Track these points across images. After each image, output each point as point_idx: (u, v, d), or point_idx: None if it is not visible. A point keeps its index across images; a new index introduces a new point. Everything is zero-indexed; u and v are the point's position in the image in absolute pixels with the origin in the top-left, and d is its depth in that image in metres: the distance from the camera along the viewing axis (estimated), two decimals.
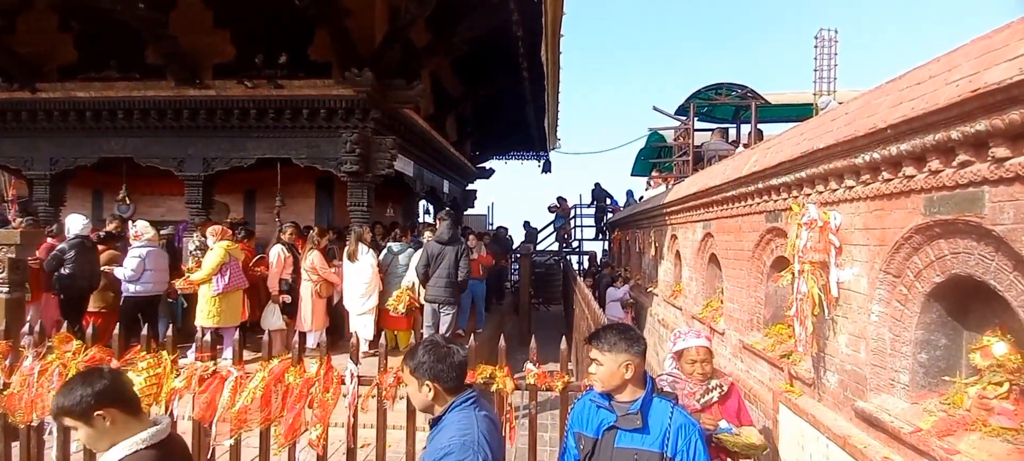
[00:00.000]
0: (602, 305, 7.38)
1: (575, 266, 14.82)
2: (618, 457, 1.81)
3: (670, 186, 7.81)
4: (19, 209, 8.76)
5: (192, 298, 6.42)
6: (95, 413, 1.46)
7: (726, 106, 9.51)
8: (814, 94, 8.99)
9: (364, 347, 5.07)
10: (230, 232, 5.60)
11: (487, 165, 15.09)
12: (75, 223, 5.51)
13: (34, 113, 6.77)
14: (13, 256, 4.48)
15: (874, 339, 2.41)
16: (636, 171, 14.92)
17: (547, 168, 15.90)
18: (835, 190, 2.73)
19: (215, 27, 6.61)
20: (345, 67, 5.95)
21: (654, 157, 12.58)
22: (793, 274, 2.92)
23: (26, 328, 2.83)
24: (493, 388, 2.49)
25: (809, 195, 2.99)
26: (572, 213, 16.49)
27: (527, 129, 12.92)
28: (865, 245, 2.51)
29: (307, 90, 6.24)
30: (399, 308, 5.53)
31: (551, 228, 16.39)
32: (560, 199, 16.25)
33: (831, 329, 2.77)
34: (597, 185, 16.38)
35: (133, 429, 1.50)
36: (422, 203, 11.52)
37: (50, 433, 2.73)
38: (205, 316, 5.04)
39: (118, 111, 6.57)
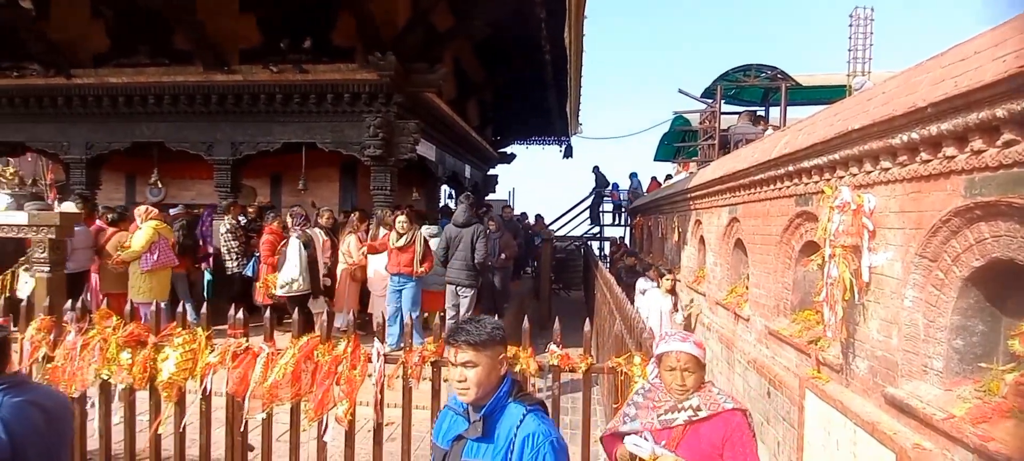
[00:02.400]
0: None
1: (596, 251, 14.76)
2: None
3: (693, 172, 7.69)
4: (58, 193, 9.11)
5: (216, 275, 6.66)
6: None
7: (755, 88, 9.28)
8: (848, 75, 8.68)
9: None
10: (157, 212, 5.76)
11: (508, 150, 15.05)
12: (67, 208, 5.70)
13: (69, 99, 6.98)
14: (53, 237, 4.67)
15: (907, 325, 2.35)
16: (659, 156, 14.70)
17: (568, 153, 15.78)
18: (870, 172, 2.66)
19: (241, 12, 6.70)
20: (368, 51, 5.98)
21: (678, 141, 12.36)
22: (823, 259, 2.86)
23: (68, 305, 2.95)
24: (516, 368, 2.51)
25: (842, 178, 2.91)
26: (606, 186, 16.31)
27: (548, 114, 12.83)
28: (900, 229, 2.44)
29: (331, 75, 6.29)
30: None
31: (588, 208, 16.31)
32: (596, 168, 16.18)
33: (862, 315, 2.71)
34: (596, 168, 16.26)
35: None
36: (444, 188, 11.59)
37: (92, 404, 2.86)
38: (136, 292, 5.23)
39: (149, 97, 6.73)
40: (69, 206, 5.76)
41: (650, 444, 1.88)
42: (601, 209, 16.54)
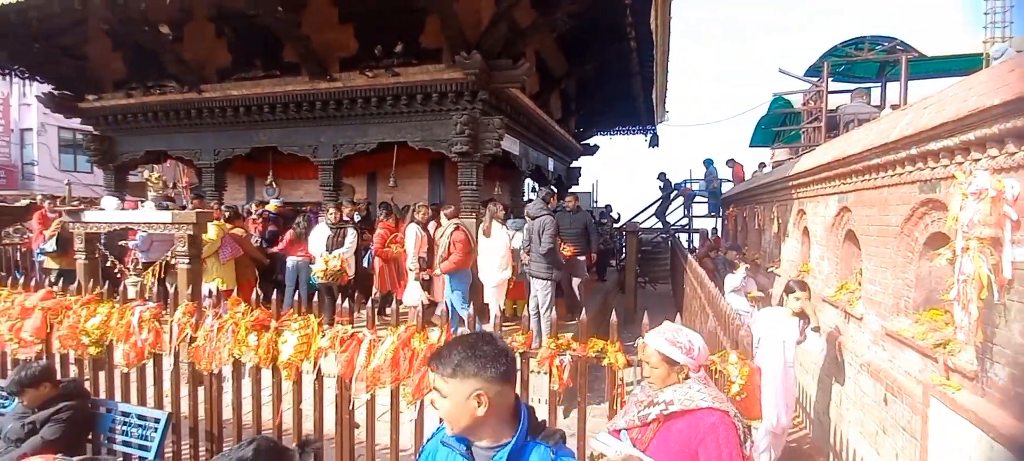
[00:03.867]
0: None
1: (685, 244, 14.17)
2: None
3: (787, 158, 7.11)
4: (192, 194, 10.40)
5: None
6: None
7: (869, 63, 8.36)
8: (984, 42, 7.57)
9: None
10: (219, 215, 6.61)
11: (591, 142, 14.84)
12: (109, 203, 6.46)
13: (200, 111, 7.93)
14: (191, 233, 5.35)
15: None
16: (756, 141, 13.74)
17: (654, 142, 15.24)
18: (1013, 154, 2.32)
19: (340, 23, 7.20)
20: (454, 51, 6.18)
21: (778, 125, 11.47)
22: (954, 252, 2.54)
23: (205, 291, 3.38)
24: (604, 362, 2.51)
25: (978, 161, 2.56)
26: (673, 191, 15.86)
27: (633, 102, 12.47)
28: None
29: (420, 76, 6.59)
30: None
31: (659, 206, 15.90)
32: (663, 175, 15.75)
33: (1002, 315, 2.38)
34: (662, 174, 15.65)
35: None
36: (528, 181, 11.68)
37: (226, 379, 3.26)
38: (207, 275, 5.90)
39: (264, 106, 7.47)
40: (111, 200, 6.57)
41: (615, 443, 1.83)
42: (667, 213, 16.01)
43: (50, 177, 18.85)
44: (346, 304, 2.85)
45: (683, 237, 15.64)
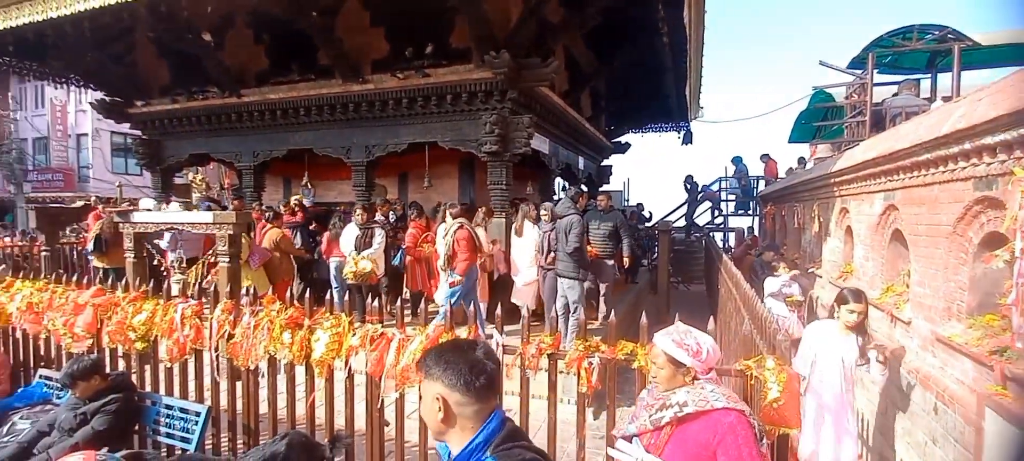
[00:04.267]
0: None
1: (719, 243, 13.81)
2: None
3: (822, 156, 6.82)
4: (233, 195, 10.78)
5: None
6: None
7: (917, 53, 7.93)
8: None
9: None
10: (259, 216, 6.87)
11: (623, 139, 14.63)
12: (146, 205, 6.74)
13: (240, 115, 8.20)
14: (231, 233, 5.53)
15: None
16: (795, 137, 13.23)
17: (688, 139, 14.89)
18: None
19: (372, 26, 7.32)
20: (483, 51, 6.19)
21: (818, 120, 11.03)
22: (1013, 253, 2.38)
23: (243, 290, 3.49)
24: (634, 365, 2.46)
25: None
26: (699, 194, 15.51)
27: (665, 99, 12.23)
28: None
29: (450, 76, 6.63)
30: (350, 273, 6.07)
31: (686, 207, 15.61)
32: (689, 178, 15.42)
33: None
34: (689, 177, 15.25)
35: None
36: (558, 180, 11.62)
37: (262, 375, 3.35)
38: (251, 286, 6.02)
39: (300, 109, 7.67)
40: (148, 203, 6.86)
41: (633, 449, 1.81)
42: (694, 215, 15.65)
43: (103, 179, 19.89)
44: (376, 303, 2.88)
45: (718, 236, 15.25)
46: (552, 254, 5.57)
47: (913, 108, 6.14)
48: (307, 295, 3.10)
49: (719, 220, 15.98)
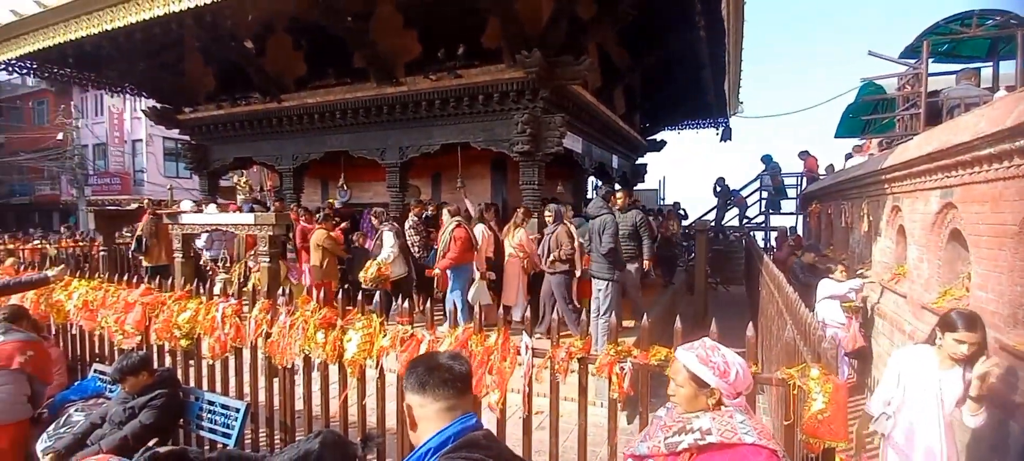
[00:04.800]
0: (806, 301, 5.25)
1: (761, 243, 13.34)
2: None
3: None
4: (274, 197, 11.15)
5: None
6: None
7: (977, 40, 7.41)
8: None
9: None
10: (296, 217, 7.05)
11: (658, 137, 14.35)
12: (185, 207, 6.97)
13: (280, 119, 8.46)
14: (272, 234, 5.69)
15: None
16: (842, 132, 12.62)
17: (726, 136, 14.46)
18: None
19: (405, 29, 7.41)
20: (515, 50, 6.16)
21: (867, 113, 10.49)
22: None
23: (280, 290, 3.58)
24: (667, 371, 2.37)
25: None
26: (729, 197, 14.94)
27: (703, 95, 11.90)
28: None
29: (481, 77, 6.64)
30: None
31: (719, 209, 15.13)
32: (720, 180, 14.86)
33: None
34: (720, 179, 14.63)
35: None
36: (591, 179, 11.49)
37: (297, 373, 3.43)
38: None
39: (336, 112, 7.85)
40: (187, 206, 7.12)
41: None
42: (723, 220, 15.08)
43: (156, 183, 20.97)
44: (406, 304, 2.90)
45: (759, 236, 14.73)
46: (552, 256, 5.48)
47: (973, 99, 5.74)
48: (339, 295, 3.14)
49: (759, 220, 15.42)
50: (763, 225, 15.26)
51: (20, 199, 25.82)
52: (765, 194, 15.06)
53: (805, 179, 13.97)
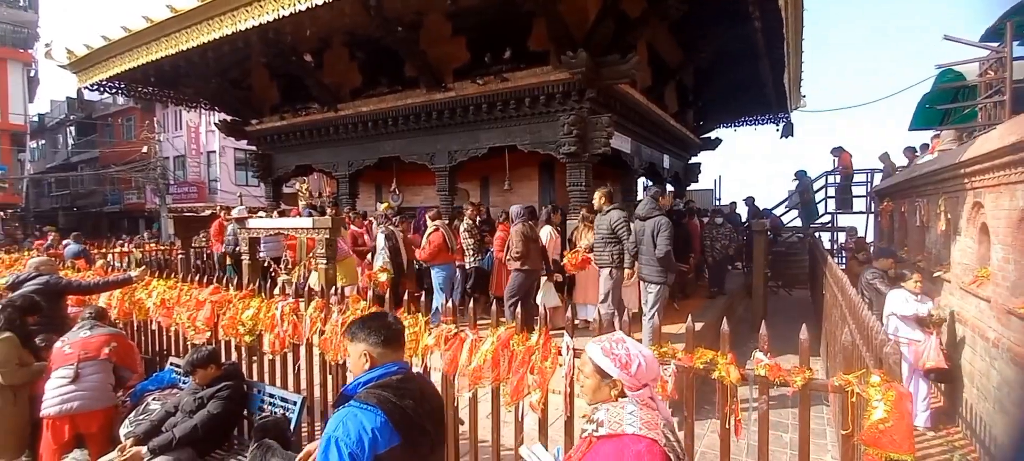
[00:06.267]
0: (875, 311, 4.55)
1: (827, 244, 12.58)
2: None
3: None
4: (331, 202, 11.68)
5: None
6: None
7: None
8: None
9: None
10: (348, 220, 7.21)
11: (713, 135, 13.82)
12: (239, 213, 7.32)
13: (337, 128, 8.86)
14: (328, 237, 5.96)
15: None
16: (918, 123, 11.67)
17: (788, 132, 13.69)
18: None
19: (453, 36, 7.57)
20: (561, 51, 6.15)
21: (946, 102, 9.67)
22: None
23: (332, 290, 3.75)
24: (714, 375, 2.30)
25: None
26: (804, 186, 14.04)
27: (761, 89, 11.37)
28: None
29: (528, 79, 6.67)
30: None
31: (787, 205, 14.32)
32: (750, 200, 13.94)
33: None
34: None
35: None
36: (641, 180, 11.24)
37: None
38: (341, 279, 6.34)
39: (388, 119, 8.12)
40: (241, 211, 7.50)
41: (543, 454, 1.83)
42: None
43: (228, 191, 22.43)
44: (450, 303, 2.96)
45: (825, 237, 13.88)
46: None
47: None
48: (387, 296, 3.25)
49: (825, 219, 14.52)
50: (829, 225, 14.37)
51: (112, 207, 28.39)
52: (795, 211, 14.23)
53: (838, 177, 13.32)
